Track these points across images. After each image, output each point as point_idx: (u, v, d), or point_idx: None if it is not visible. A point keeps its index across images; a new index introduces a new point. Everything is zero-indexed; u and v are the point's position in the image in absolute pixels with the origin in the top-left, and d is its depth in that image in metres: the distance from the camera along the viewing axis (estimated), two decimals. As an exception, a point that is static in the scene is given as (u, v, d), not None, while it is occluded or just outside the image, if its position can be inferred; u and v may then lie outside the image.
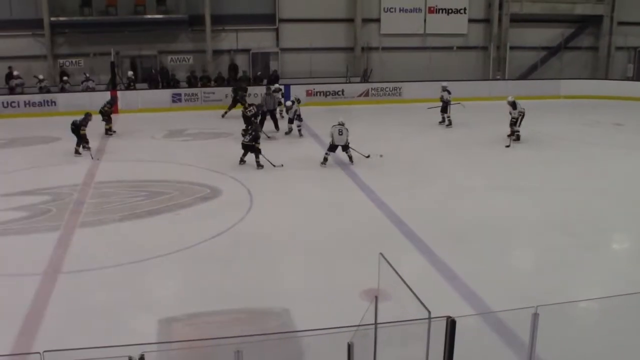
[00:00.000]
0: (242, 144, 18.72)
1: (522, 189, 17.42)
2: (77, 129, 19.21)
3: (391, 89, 29.28)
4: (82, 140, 19.35)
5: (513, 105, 22.16)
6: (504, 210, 15.79)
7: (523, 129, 22.81)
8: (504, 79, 31.68)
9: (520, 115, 22.27)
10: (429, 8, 31.72)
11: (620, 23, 33.85)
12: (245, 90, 23.42)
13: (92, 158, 18.69)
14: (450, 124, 24.67)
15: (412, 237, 13.92)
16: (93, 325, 9.66)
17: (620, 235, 15.50)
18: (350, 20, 30.75)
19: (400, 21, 31.45)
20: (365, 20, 30.93)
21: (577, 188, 17.83)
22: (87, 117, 19.74)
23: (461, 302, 10.95)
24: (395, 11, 31.30)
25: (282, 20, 29.98)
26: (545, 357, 8.24)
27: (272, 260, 12.64)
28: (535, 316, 6.41)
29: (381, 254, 7.12)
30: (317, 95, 28.16)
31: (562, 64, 33.25)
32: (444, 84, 24.78)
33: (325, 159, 18.79)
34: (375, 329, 6.80)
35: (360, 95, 28.82)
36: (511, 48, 32.39)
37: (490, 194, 17.00)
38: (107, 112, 21.99)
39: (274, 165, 18.28)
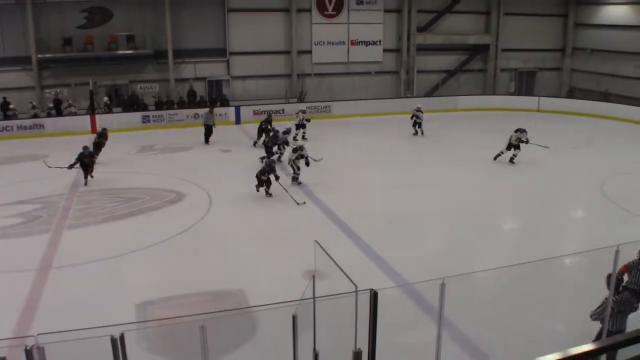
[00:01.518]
0: (256, 176, 16.25)
1: (431, 184, 17.70)
2: (90, 156, 17.65)
3: (322, 107, 29.38)
4: (90, 169, 17.82)
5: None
6: (418, 202, 16.04)
7: (429, 137, 23.19)
8: (413, 97, 31.92)
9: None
10: (351, 41, 31.90)
11: (504, 50, 34.53)
12: (270, 122, 22.62)
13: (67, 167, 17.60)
14: (422, 133, 24.80)
15: (344, 227, 14.08)
16: (80, 311, 9.53)
17: (511, 219, 15.92)
18: (287, 52, 30.72)
19: (328, 52, 31.55)
20: (300, 52, 30.94)
21: (475, 181, 18.24)
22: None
23: (384, 277, 11.15)
24: (324, 44, 31.42)
25: (232, 53, 29.79)
26: (452, 319, 8.44)
27: (229, 250, 12.64)
28: (443, 286, 6.50)
29: (316, 241, 7.17)
30: (262, 114, 27.92)
31: (459, 84, 33.77)
32: (419, 105, 24.90)
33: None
34: (314, 302, 6.83)
35: (297, 113, 28.69)
36: (418, 71, 32.78)
37: (405, 190, 17.21)
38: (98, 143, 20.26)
39: (298, 203, 15.72)
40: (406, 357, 8.50)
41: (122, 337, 5.50)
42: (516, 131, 20.19)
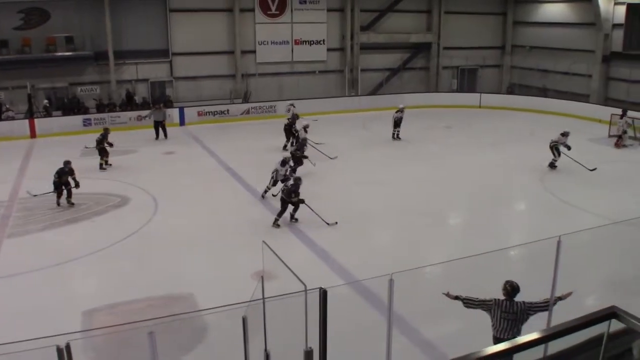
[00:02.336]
0: (282, 199, 14.14)
1: (382, 182, 17.88)
2: (70, 173, 16.19)
3: (267, 107, 29.32)
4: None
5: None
6: (368, 200, 16.22)
7: (375, 135, 23.36)
8: (357, 95, 32.38)
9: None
10: (295, 40, 31.96)
11: (445, 48, 35.15)
12: (293, 124, 22.08)
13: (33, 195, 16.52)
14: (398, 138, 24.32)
15: (293, 228, 14.09)
16: (24, 321, 9.29)
17: (458, 214, 16.23)
18: (231, 53, 30.51)
19: (272, 52, 31.51)
20: (244, 52, 30.75)
21: (425, 178, 18.51)
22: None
23: (334, 276, 11.21)
24: (267, 44, 31.34)
25: (174, 54, 29.40)
26: (401, 313, 8.57)
27: (176, 254, 12.50)
28: (391, 282, 6.56)
29: (264, 241, 7.16)
30: (206, 115, 27.84)
31: (402, 82, 34.20)
32: (401, 105, 24.66)
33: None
34: (264, 303, 6.82)
35: (242, 114, 28.69)
36: (362, 70, 33.01)
37: (356, 187, 17.36)
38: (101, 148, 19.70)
39: (328, 224, 14.15)
40: (358, 353, 8.59)
41: (68, 347, 5.38)
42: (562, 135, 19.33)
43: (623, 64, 30.69)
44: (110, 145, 19.70)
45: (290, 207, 14.15)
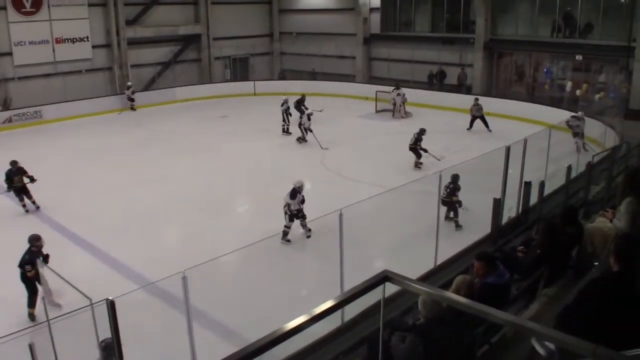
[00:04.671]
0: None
1: (161, 179, 17.79)
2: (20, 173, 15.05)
3: (32, 113, 27.41)
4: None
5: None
6: (147, 198, 16.05)
7: (153, 131, 23.08)
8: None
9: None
10: (56, 39, 30.13)
11: (215, 38, 35.38)
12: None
13: None
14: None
15: (74, 238, 13.59)
16: None
17: (239, 201, 16.70)
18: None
19: (31, 53, 29.29)
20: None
21: (203, 169, 18.71)
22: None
23: (125, 282, 10.99)
24: (25, 44, 29.18)
25: None
26: (200, 307, 8.72)
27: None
28: (185, 279, 6.69)
29: (40, 259, 6.95)
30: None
31: (175, 75, 33.83)
32: (284, 97, 24.14)
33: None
34: (49, 325, 6.64)
35: (3, 122, 26.59)
36: (132, 66, 32.09)
37: (136, 188, 17.10)
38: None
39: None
40: (163, 356, 8.68)
41: None
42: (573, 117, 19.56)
43: (382, 44, 33.45)
44: None
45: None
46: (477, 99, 24.07)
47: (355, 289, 3.10)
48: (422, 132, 18.21)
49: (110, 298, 6.15)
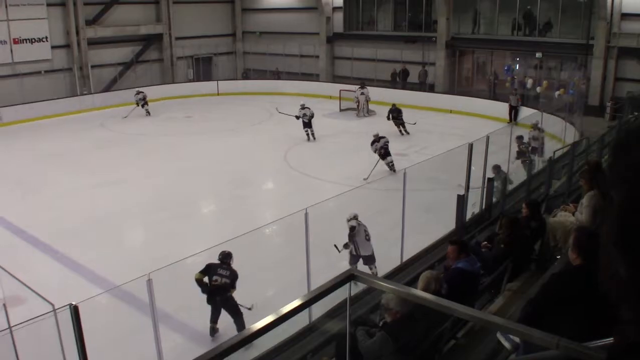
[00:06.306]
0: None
1: (124, 181, 17.54)
2: None
3: (-11, 117, 26.89)
4: None
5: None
6: (109, 201, 15.83)
7: (117, 133, 22.77)
8: (91, 93, 30.95)
9: None
10: (14, 39, 29.51)
11: (178, 38, 35.06)
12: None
13: None
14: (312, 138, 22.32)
15: (35, 242, 13.32)
16: None
17: (210, 201, 16.61)
18: None
19: (-13, 54, 28.91)
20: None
21: (166, 172, 18.49)
22: None
23: (89, 286, 10.84)
24: (-19, 45, 28.75)
25: None
26: (166, 309, 8.65)
27: None
28: (149, 282, 6.62)
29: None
30: None
31: (137, 75, 33.42)
32: (305, 104, 23.00)
33: None
34: (11, 333, 6.50)
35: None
36: (92, 67, 31.62)
37: (97, 190, 16.78)
38: None
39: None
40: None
41: None
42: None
43: (345, 43, 33.56)
44: None
45: None
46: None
47: (321, 288, 3.11)
48: (384, 141, 17.57)
49: (73, 303, 6.05)
